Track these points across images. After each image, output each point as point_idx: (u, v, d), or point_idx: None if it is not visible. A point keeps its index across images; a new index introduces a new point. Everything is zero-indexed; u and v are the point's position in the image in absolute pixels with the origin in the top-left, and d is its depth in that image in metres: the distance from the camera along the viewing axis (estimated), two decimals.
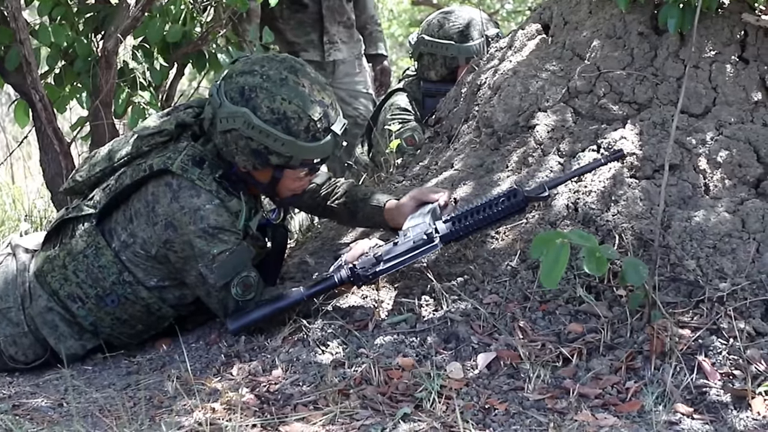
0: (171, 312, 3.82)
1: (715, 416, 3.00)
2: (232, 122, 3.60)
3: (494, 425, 2.99)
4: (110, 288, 3.75)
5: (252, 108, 3.58)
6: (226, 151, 3.68)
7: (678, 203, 3.60)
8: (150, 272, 3.74)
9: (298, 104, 3.59)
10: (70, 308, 3.79)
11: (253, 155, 3.64)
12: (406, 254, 3.58)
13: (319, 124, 3.63)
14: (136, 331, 3.85)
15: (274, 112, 3.58)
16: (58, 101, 5.28)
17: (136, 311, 3.78)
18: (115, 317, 3.79)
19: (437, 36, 5.44)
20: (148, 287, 3.75)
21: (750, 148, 3.69)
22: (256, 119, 3.58)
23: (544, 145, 3.94)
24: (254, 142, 3.61)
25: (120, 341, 3.86)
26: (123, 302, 3.76)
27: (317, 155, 3.69)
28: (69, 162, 5.21)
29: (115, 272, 3.74)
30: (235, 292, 3.65)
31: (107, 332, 3.82)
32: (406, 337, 3.40)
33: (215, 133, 3.69)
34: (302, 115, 3.60)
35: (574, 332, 3.36)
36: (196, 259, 3.64)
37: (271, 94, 3.59)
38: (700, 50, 3.87)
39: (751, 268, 3.39)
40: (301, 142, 3.62)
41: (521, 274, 3.58)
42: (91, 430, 2.97)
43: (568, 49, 4.16)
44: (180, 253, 3.66)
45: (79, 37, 5.17)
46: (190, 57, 5.54)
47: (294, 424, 3.01)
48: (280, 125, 3.59)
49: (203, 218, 3.63)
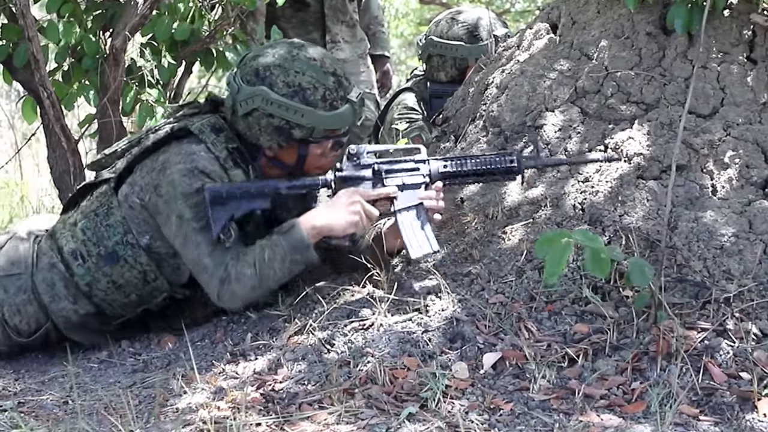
0: (165, 286, 3.86)
1: (720, 417, 2.99)
2: (252, 103, 3.71)
3: (499, 425, 2.98)
4: (112, 248, 3.83)
5: (269, 85, 3.69)
6: (251, 134, 3.77)
7: (685, 204, 3.60)
8: (142, 227, 3.81)
9: (312, 75, 3.70)
10: (71, 266, 3.86)
11: (276, 132, 3.73)
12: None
13: (335, 92, 3.73)
14: (129, 300, 3.88)
15: (290, 85, 3.69)
16: (66, 98, 5.29)
17: (133, 277, 3.83)
18: (111, 280, 3.84)
19: (446, 37, 5.44)
20: (147, 251, 3.81)
21: (758, 149, 3.69)
22: (274, 94, 3.69)
23: (552, 144, 3.93)
24: (275, 118, 3.70)
25: (112, 309, 3.90)
26: (122, 265, 3.82)
27: (337, 124, 3.76)
28: (76, 159, 5.22)
29: (120, 232, 3.82)
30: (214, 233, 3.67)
31: (101, 296, 3.86)
32: (411, 336, 3.39)
33: (237, 121, 3.78)
34: (317, 85, 3.70)
35: (580, 333, 3.36)
36: (176, 198, 3.70)
37: (285, 69, 3.70)
38: (708, 50, 3.86)
39: (757, 269, 3.39)
40: (320, 112, 3.71)
41: (527, 274, 3.58)
42: (96, 427, 2.97)
43: (576, 49, 4.16)
44: (165, 196, 3.72)
45: (87, 35, 5.18)
46: (198, 55, 5.56)
47: (299, 423, 3.00)
48: (298, 97, 3.69)
49: (193, 160, 3.72)
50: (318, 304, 3.69)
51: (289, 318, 3.67)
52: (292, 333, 3.55)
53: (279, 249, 3.68)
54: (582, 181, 3.76)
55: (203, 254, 3.69)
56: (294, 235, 3.69)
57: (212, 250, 3.69)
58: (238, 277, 3.67)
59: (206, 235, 3.69)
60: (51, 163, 5.32)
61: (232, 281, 3.67)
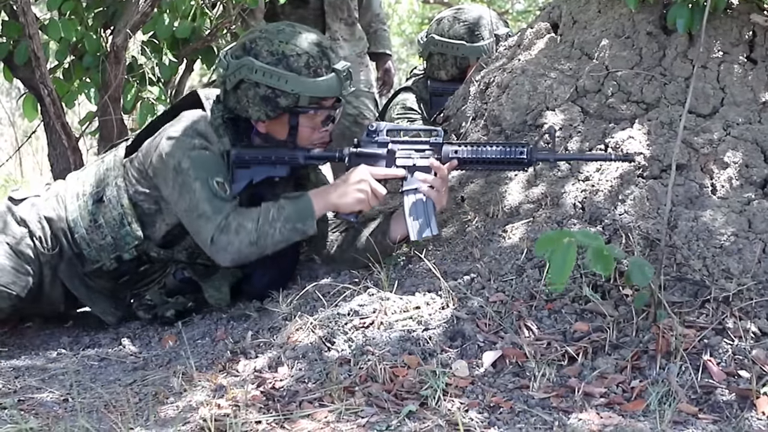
0: (138, 233, 3.94)
1: (719, 416, 3.00)
2: (238, 74, 3.83)
3: (499, 423, 2.99)
4: (103, 188, 3.97)
5: (254, 55, 3.83)
6: (240, 107, 3.87)
7: (685, 203, 3.60)
8: (134, 179, 3.94)
9: (295, 43, 3.82)
10: (66, 202, 4.00)
11: (263, 102, 3.83)
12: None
13: (318, 60, 3.83)
14: (105, 242, 3.97)
15: (274, 54, 3.81)
16: (66, 96, 5.30)
17: (111, 218, 3.95)
18: (93, 219, 3.97)
19: (447, 36, 5.43)
20: (129, 197, 3.92)
21: (757, 149, 3.69)
22: (259, 63, 3.80)
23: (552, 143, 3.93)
24: (261, 87, 3.81)
25: (90, 251, 3.99)
26: (105, 204, 3.95)
27: (322, 92, 3.84)
28: (77, 157, 5.23)
29: (112, 176, 3.97)
30: (212, 184, 3.77)
31: (81, 233, 3.97)
32: (411, 334, 3.39)
33: (228, 97, 3.89)
34: (300, 52, 3.81)
35: (580, 331, 3.36)
36: (174, 152, 3.79)
37: (269, 40, 3.83)
38: (709, 50, 3.87)
39: (757, 268, 3.39)
40: (304, 78, 3.81)
41: (527, 272, 3.58)
42: (96, 425, 2.96)
43: (577, 48, 4.16)
44: (162, 151, 3.83)
45: (88, 33, 5.19)
46: (199, 53, 5.57)
47: (299, 421, 3.00)
48: (281, 64, 3.80)
49: (194, 122, 3.87)
50: (318, 302, 3.71)
51: (290, 316, 3.68)
52: (293, 331, 3.55)
53: (284, 211, 3.76)
54: (582, 180, 3.77)
55: (201, 200, 3.77)
56: (302, 203, 3.78)
57: (212, 197, 3.77)
58: (237, 229, 3.73)
59: (204, 185, 3.77)
60: (52, 160, 5.33)
61: (231, 231, 3.74)
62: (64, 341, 4.01)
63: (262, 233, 3.72)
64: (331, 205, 3.82)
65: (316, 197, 3.80)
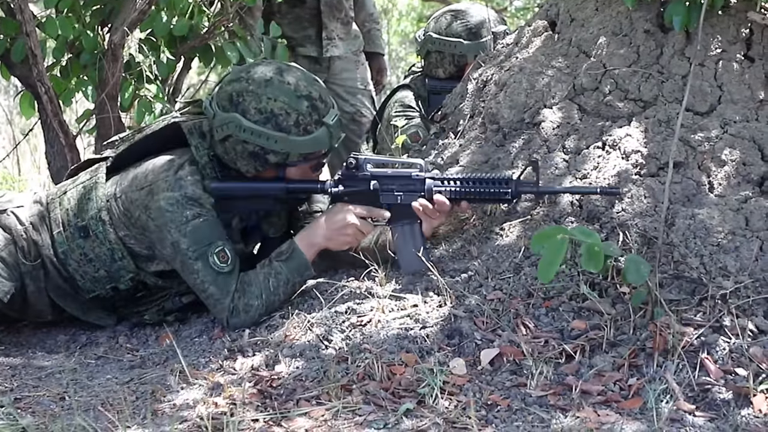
0: (132, 267, 3.89)
1: (717, 413, 3.00)
2: (226, 129, 3.75)
3: (497, 421, 2.99)
4: (87, 221, 3.89)
5: (241, 112, 3.73)
6: (228, 159, 3.82)
7: (682, 201, 3.60)
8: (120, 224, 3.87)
9: (283, 101, 3.72)
10: (53, 231, 3.93)
11: (252, 158, 3.78)
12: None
13: (308, 117, 3.75)
14: (98, 275, 3.92)
15: (262, 111, 3.73)
16: (63, 94, 5.28)
17: (102, 253, 3.89)
18: (83, 252, 3.91)
19: (445, 34, 5.43)
20: (119, 236, 3.87)
21: (755, 147, 3.69)
22: (247, 122, 3.72)
23: (550, 141, 3.94)
24: (249, 144, 3.74)
25: (83, 282, 3.94)
26: (93, 239, 3.88)
27: (312, 148, 3.79)
28: (74, 155, 5.21)
29: (96, 208, 3.89)
30: (213, 261, 3.73)
31: (74, 266, 3.93)
32: (409, 332, 3.40)
33: (216, 144, 3.82)
34: (289, 110, 3.73)
35: (577, 329, 3.36)
36: (168, 225, 3.73)
37: (257, 95, 3.73)
38: (706, 48, 3.87)
39: (754, 266, 3.39)
40: (294, 137, 3.74)
41: (525, 270, 3.58)
42: (93, 423, 2.96)
43: (574, 46, 4.16)
44: (156, 220, 3.76)
45: (85, 30, 5.17)
46: (196, 51, 5.55)
47: (296, 419, 3.01)
48: (270, 123, 3.72)
49: (181, 187, 3.76)
50: (316, 301, 3.71)
51: (287, 314, 3.68)
52: (290, 329, 3.55)
53: (282, 276, 3.76)
54: (580, 177, 3.76)
55: (206, 282, 3.74)
56: (295, 260, 3.77)
57: (215, 277, 3.73)
58: (246, 308, 3.73)
59: (205, 261, 3.73)
60: (49, 158, 5.32)
61: (240, 313, 3.73)
62: (61, 339, 4.01)
63: (269, 303, 3.74)
64: (322, 248, 3.82)
65: (305, 244, 3.80)
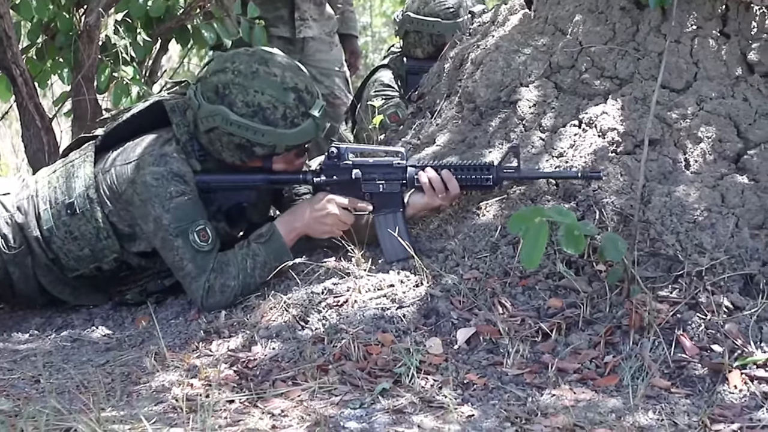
0: (116, 247, 3.88)
1: (692, 390, 3.02)
2: (212, 121, 3.73)
3: (473, 400, 2.99)
4: (75, 198, 3.88)
5: (228, 104, 3.71)
6: (213, 149, 3.81)
7: (658, 178, 3.60)
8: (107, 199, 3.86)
9: (271, 94, 3.71)
10: (39, 209, 3.92)
11: (238, 150, 3.77)
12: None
13: (295, 110, 3.74)
14: (82, 254, 3.91)
15: (249, 105, 3.71)
16: (39, 76, 5.27)
17: (87, 231, 3.88)
18: (68, 230, 3.90)
19: (423, 13, 5.42)
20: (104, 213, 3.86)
21: (730, 123, 3.69)
22: (234, 115, 3.70)
23: (526, 120, 3.93)
24: (236, 137, 3.73)
25: (68, 261, 3.93)
26: (79, 217, 3.87)
27: (299, 140, 3.79)
28: (51, 138, 5.20)
29: (83, 186, 3.87)
30: (193, 239, 3.72)
31: (58, 244, 3.91)
32: (385, 312, 3.39)
33: (200, 134, 3.80)
34: (277, 104, 3.71)
35: (554, 307, 3.37)
36: (152, 200, 3.73)
37: (244, 88, 3.71)
38: (682, 25, 3.86)
39: (729, 243, 3.39)
40: (281, 130, 3.73)
41: (501, 249, 3.58)
42: (68, 406, 2.95)
43: (551, 24, 4.14)
44: (141, 195, 3.75)
45: (60, 12, 5.15)
46: (173, 32, 5.53)
47: (273, 400, 3.01)
48: (257, 117, 3.71)
49: (167, 162, 3.75)
50: (292, 282, 3.70)
51: (264, 295, 3.67)
52: (266, 310, 3.55)
53: (259, 258, 3.74)
54: (556, 156, 3.76)
55: (185, 259, 3.73)
56: (274, 243, 3.76)
57: (194, 254, 3.72)
58: (222, 288, 3.72)
59: (185, 239, 3.72)
60: (25, 141, 5.29)
61: (216, 293, 3.72)
62: (37, 322, 3.99)
63: (245, 285, 3.73)
64: (301, 234, 3.82)
65: (286, 229, 3.79)
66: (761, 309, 3.22)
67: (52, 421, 2.81)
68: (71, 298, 4.04)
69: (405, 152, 3.85)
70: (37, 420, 2.81)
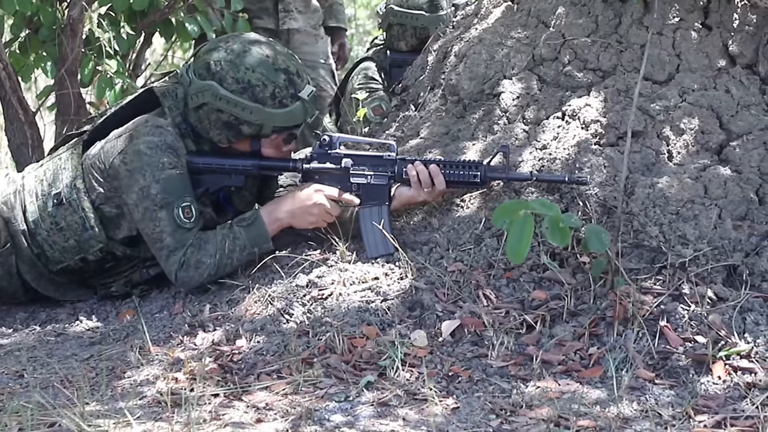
0: (102, 236, 3.87)
1: (676, 381, 3.02)
2: (202, 97, 3.74)
3: (458, 392, 3.00)
4: (62, 189, 3.88)
5: (218, 80, 3.73)
6: (201, 127, 3.81)
7: (641, 170, 3.61)
8: (95, 184, 3.85)
9: (261, 72, 3.72)
10: (26, 202, 3.93)
11: (226, 127, 3.77)
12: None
13: (284, 90, 3.74)
14: (68, 245, 3.90)
15: (239, 81, 3.72)
16: (22, 70, 5.25)
17: (73, 222, 3.87)
18: (54, 221, 3.89)
19: (407, 6, 5.42)
20: (91, 199, 3.85)
21: (713, 115, 3.70)
22: (223, 90, 3.71)
23: (510, 112, 3.93)
24: (224, 113, 3.74)
25: (53, 252, 3.92)
26: (65, 207, 3.87)
27: (286, 122, 3.78)
28: (34, 132, 5.18)
29: (70, 176, 3.88)
30: (177, 213, 3.72)
31: (43, 236, 3.91)
32: (370, 305, 3.40)
33: (189, 113, 3.81)
34: (266, 82, 3.72)
35: (538, 299, 3.37)
36: (142, 169, 3.72)
37: (235, 65, 3.72)
38: (664, 17, 3.87)
39: (713, 234, 3.40)
40: (269, 109, 3.73)
41: (486, 241, 3.58)
42: (51, 400, 2.95)
43: (534, 17, 4.15)
44: (129, 164, 3.75)
45: (43, 5, 5.12)
46: (157, 25, 5.51)
47: (257, 393, 3.00)
48: (246, 94, 3.71)
49: (162, 133, 3.77)
50: (276, 275, 3.69)
51: (248, 288, 3.67)
52: (251, 303, 3.55)
53: (239, 241, 3.74)
54: (539, 148, 3.76)
55: (165, 232, 3.72)
56: (256, 229, 3.76)
57: (175, 228, 3.72)
58: (197, 264, 3.71)
59: (170, 212, 3.72)
60: (9, 135, 5.27)
61: (191, 267, 3.71)
62: (21, 316, 3.98)
63: (220, 265, 3.73)
64: (285, 224, 3.81)
65: (270, 217, 3.78)
66: (744, 300, 3.24)
67: (36, 416, 2.80)
68: (56, 294, 4.02)
69: (395, 145, 3.85)
70: (21, 415, 2.81)
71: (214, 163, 3.85)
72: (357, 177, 3.80)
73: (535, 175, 3.64)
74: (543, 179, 3.65)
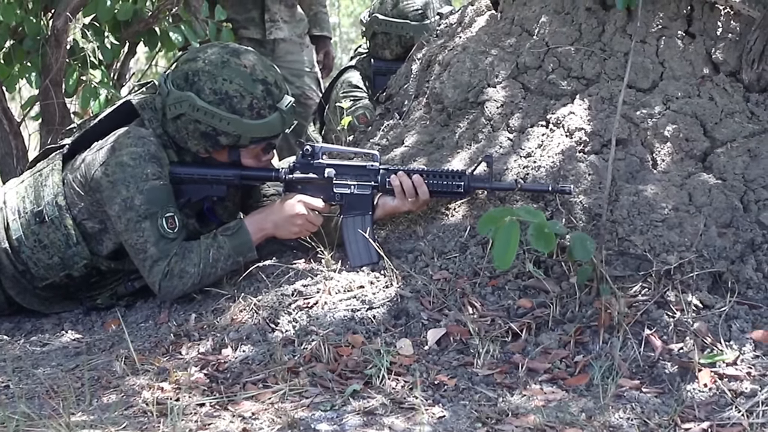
0: (86, 253, 3.86)
1: (662, 388, 3.03)
2: (179, 107, 3.73)
3: (444, 401, 3.00)
4: (44, 207, 3.86)
5: (196, 91, 3.72)
6: (179, 137, 3.80)
7: (626, 177, 3.62)
8: (76, 200, 3.84)
9: (239, 83, 3.72)
10: (8, 219, 3.91)
11: (203, 138, 3.76)
12: None
13: (262, 101, 3.74)
14: (52, 262, 3.88)
15: (217, 92, 3.71)
16: (7, 80, 5.25)
17: (57, 239, 3.85)
18: (37, 239, 3.87)
19: (392, 15, 5.43)
20: (72, 215, 3.83)
21: (697, 122, 3.71)
22: (201, 101, 3.71)
23: (494, 120, 3.94)
24: (202, 124, 3.73)
25: (37, 270, 3.90)
26: (48, 225, 3.85)
27: (264, 132, 3.78)
28: (19, 142, 5.18)
29: (52, 194, 3.86)
30: (161, 223, 3.71)
31: (27, 254, 3.89)
32: (355, 314, 3.39)
33: (167, 123, 3.80)
34: (244, 93, 3.71)
35: (524, 307, 3.38)
36: (125, 181, 3.71)
37: (213, 76, 3.72)
38: (647, 25, 3.88)
39: (697, 241, 3.41)
40: (246, 120, 3.72)
41: (471, 249, 3.59)
42: (37, 411, 2.94)
43: (517, 25, 4.16)
44: (111, 176, 3.73)
45: (28, 16, 5.12)
46: (141, 35, 5.51)
47: (243, 402, 3.00)
48: (224, 105, 3.71)
49: (144, 144, 3.75)
50: (262, 284, 3.69)
51: (234, 297, 3.66)
52: (236, 312, 3.54)
53: (223, 251, 3.73)
54: (524, 156, 3.77)
55: (149, 242, 3.71)
56: (240, 238, 3.75)
57: (158, 239, 3.71)
58: (181, 274, 3.71)
59: (153, 223, 3.70)
60: None
61: (174, 276, 3.71)
62: (6, 327, 3.96)
63: (204, 275, 3.72)
64: (269, 234, 3.81)
65: (254, 227, 3.78)
66: (729, 307, 3.25)
67: (22, 427, 2.80)
68: (41, 307, 4.02)
69: (378, 155, 3.85)
70: (6, 425, 2.80)
71: (196, 173, 3.84)
72: (340, 187, 3.80)
73: (520, 184, 3.64)
74: (527, 189, 3.65)
